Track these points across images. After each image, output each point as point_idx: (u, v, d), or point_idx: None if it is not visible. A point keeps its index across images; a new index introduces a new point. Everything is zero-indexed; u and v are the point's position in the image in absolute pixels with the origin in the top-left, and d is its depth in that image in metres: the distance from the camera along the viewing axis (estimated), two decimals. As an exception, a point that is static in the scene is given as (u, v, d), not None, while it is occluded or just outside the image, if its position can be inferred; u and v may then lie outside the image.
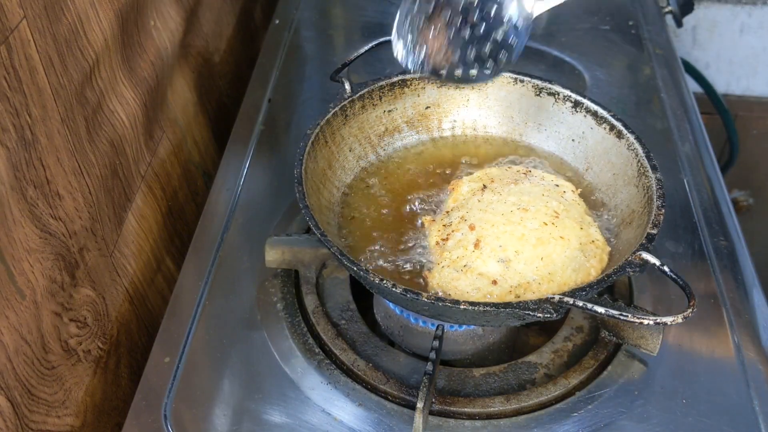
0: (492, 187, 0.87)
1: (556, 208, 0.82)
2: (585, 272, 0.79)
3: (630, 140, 0.88)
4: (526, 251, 0.79)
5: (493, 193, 0.86)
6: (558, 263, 0.78)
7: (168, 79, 1.16)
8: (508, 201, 0.83)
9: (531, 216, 0.81)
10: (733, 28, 1.82)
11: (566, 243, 0.79)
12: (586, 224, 0.83)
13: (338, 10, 1.52)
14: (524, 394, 0.82)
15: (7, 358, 0.73)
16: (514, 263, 0.78)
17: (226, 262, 0.98)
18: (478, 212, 0.83)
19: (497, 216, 0.82)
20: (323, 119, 0.90)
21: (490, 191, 0.86)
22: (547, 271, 0.78)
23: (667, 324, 0.69)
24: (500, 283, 0.78)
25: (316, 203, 0.84)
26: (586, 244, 0.81)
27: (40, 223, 0.78)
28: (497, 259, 0.79)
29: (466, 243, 0.81)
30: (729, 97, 1.88)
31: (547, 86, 0.96)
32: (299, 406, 0.82)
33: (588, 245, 0.81)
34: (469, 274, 0.79)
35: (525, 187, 0.86)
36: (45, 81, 0.79)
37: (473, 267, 0.79)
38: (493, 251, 0.79)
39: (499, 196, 0.85)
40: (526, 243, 0.79)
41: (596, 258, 0.81)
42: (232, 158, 1.14)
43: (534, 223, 0.80)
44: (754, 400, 0.83)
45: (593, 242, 0.82)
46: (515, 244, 0.79)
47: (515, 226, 0.80)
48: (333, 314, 0.91)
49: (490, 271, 0.78)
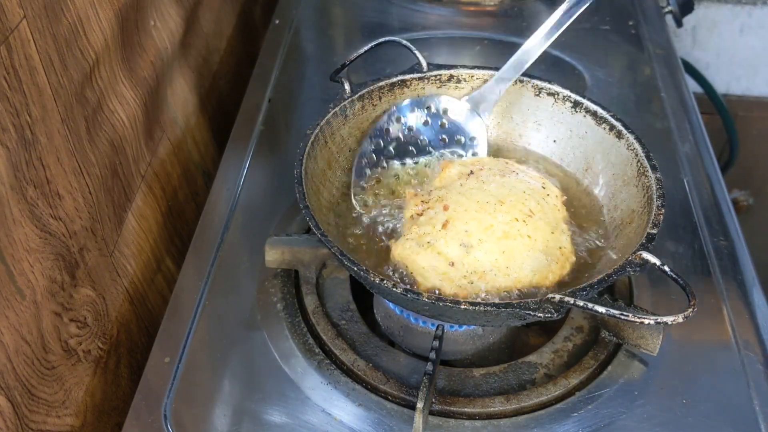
0: (478, 175, 0.88)
1: (532, 207, 0.83)
2: (542, 275, 0.80)
3: (630, 140, 0.88)
4: (490, 241, 0.80)
5: (477, 180, 0.87)
6: (518, 260, 0.79)
7: (168, 79, 1.16)
8: (487, 190, 0.84)
9: (505, 209, 0.82)
10: (733, 28, 1.82)
11: (532, 242, 0.80)
12: (559, 231, 0.84)
13: (338, 10, 1.52)
14: (524, 394, 0.82)
15: (7, 358, 0.73)
16: (475, 250, 0.79)
17: (226, 262, 0.98)
18: (456, 195, 0.84)
19: (473, 202, 0.83)
20: (323, 119, 0.90)
21: (474, 178, 0.87)
22: (505, 264, 0.79)
23: (667, 324, 0.69)
24: (457, 266, 0.79)
25: (316, 203, 0.84)
26: (552, 248, 0.82)
27: (40, 223, 0.78)
28: (460, 243, 0.80)
29: (436, 221, 0.82)
30: (729, 97, 1.88)
31: (546, 86, 0.96)
32: (299, 406, 0.82)
33: (554, 250, 0.82)
34: (429, 251, 0.80)
35: (509, 181, 0.87)
36: (45, 81, 0.79)
37: (435, 246, 0.80)
38: (458, 234, 0.80)
39: (481, 185, 0.86)
40: (492, 234, 0.80)
41: (558, 264, 0.81)
42: (232, 158, 1.14)
43: (506, 217, 0.81)
44: (754, 400, 0.83)
45: (560, 248, 0.82)
46: (481, 232, 0.80)
47: (486, 215, 0.81)
48: (333, 314, 0.91)
49: (450, 253, 0.79)
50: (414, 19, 1.44)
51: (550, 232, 0.82)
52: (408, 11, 1.46)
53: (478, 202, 0.83)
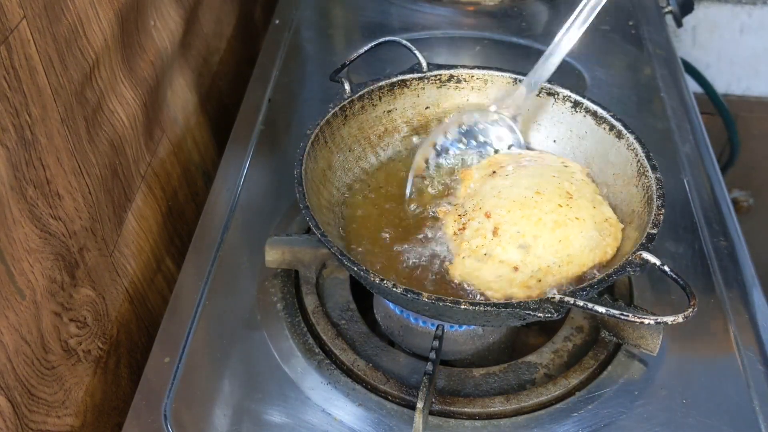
0: (501, 173, 0.87)
1: (568, 188, 0.83)
2: (602, 251, 0.80)
3: (630, 140, 0.88)
4: (545, 235, 0.79)
5: (504, 178, 0.86)
6: (576, 245, 0.79)
7: (168, 79, 1.16)
8: (520, 185, 0.83)
9: (546, 199, 0.81)
10: (734, 28, 1.82)
11: (582, 223, 0.80)
12: (598, 203, 0.83)
13: (338, 10, 1.52)
14: (524, 394, 0.82)
15: (7, 358, 0.73)
16: (534, 248, 0.79)
17: (226, 262, 0.98)
18: (492, 199, 0.83)
19: (511, 201, 0.82)
20: (323, 119, 0.90)
21: (500, 177, 0.86)
22: (566, 253, 0.79)
23: (667, 324, 0.69)
24: (521, 269, 0.78)
25: (316, 203, 0.84)
26: (601, 223, 0.81)
27: (40, 223, 0.78)
28: (517, 245, 0.79)
29: (484, 231, 0.81)
30: (729, 97, 1.88)
31: (546, 86, 0.96)
32: (299, 406, 0.82)
33: (602, 224, 0.81)
34: (490, 262, 0.79)
35: (534, 170, 0.86)
36: (45, 81, 0.79)
37: (494, 255, 0.79)
38: (512, 238, 0.79)
39: (511, 181, 0.85)
40: (544, 227, 0.79)
41: (611, 236, 0.81)
42: (232, 158, 1.14)
43: (549, 206, 0.81)
44: (754, 400, 0.83)
45: (607, 220, 0.82)
46: (533, 228, 0.79)
47: (531, 210, 0.80)
48: (333, 314, 0.91)
49: (511, 258, 0.79)
50: (414, 19, 1.44)
51: (593, 207, 0.82)
52: (408, 11, 1.46)
53: (516, 201, 0.82)
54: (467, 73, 0.98)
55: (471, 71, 0.98)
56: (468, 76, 0.98)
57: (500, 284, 0.78)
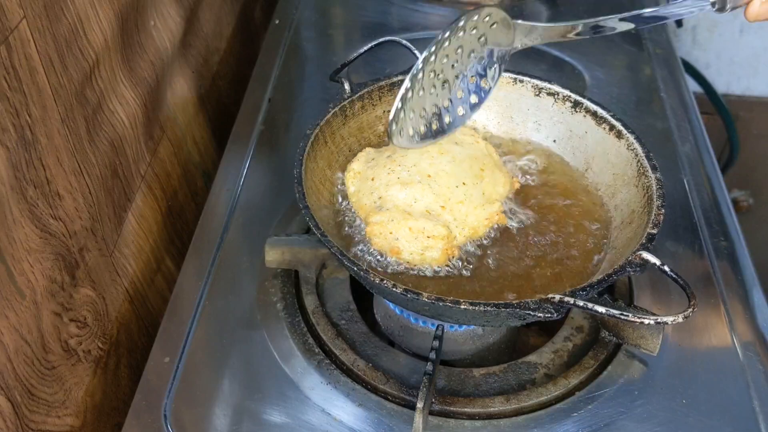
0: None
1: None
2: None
3: (630, 140, 0.88)
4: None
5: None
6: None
7: (168, 79, 1.16)
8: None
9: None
10: (733, 28, 1.81)
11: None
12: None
13: (338, 10, 1.51)
14: (524, 394, 0.82)
15: (7, 358, 0.73)
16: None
17: (226, 262, 0.98)
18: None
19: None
20: (323, 119, 0.90)
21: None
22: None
23: (667, 323, 0.69)
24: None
25: (316, 203, 0.84)
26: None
27: (40, 223, 0.78)
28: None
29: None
30: (729, 97, 1.88)
31: (546, 86, 0.96)
32: (299, 406, 0.82)
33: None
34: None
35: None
36: (45, 81, 0.79)
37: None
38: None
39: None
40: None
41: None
42: (232, 158, 1.14)
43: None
44: (754, 400, 0.83)
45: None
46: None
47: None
48: (333, 314, 0.91)
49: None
50: (414, 19, 1.44)
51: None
52: (408, 11, 1.46)
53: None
54: (467, 73, 0.98)
55: (471, 71, 0.98)
56: (468, 76, 0.98)
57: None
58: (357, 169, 0.91)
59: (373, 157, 0.91)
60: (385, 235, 0.82)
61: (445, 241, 0.82)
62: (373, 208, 0.85)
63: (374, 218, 0.84)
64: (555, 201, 0.91)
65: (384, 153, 0.91)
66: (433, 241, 0.81)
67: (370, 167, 0.90)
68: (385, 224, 0.83)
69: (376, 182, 0.87)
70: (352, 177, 0.90)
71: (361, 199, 0.87)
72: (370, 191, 0.87)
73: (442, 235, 0.82)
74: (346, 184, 0.90)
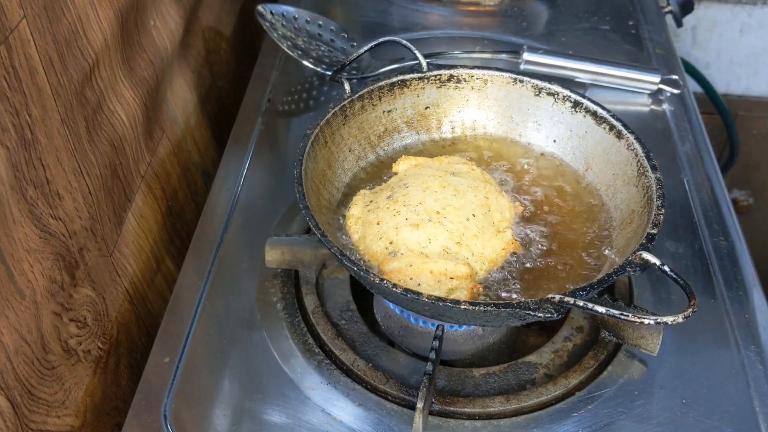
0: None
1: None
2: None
3: (630, 140, 0.88)
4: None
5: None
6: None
7: (168, 79, 1.16)
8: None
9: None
10: (733, 28, 1.82)
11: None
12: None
13: (338, 10, 1.51)
14: (524, 394, 0.82)
15: (7, 358, 0.73)
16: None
17: (226, 262, 0.98)
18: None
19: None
20: (323, 119, 0.90)
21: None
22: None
23: (667, 324, 0.69)
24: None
25: (316, 203, 0.84)
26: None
27: (40, 223, 0.78)
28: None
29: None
30: (729, 97, 1.88)
31: (546, 86, 0.96)
32: (299, 406, 0.82)
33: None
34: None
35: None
36: (45, 81, 0.79)
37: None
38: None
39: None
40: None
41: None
42: (232, 158, 1.14)
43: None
44: (754, 400, 0.83)
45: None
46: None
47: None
48: (333, 314, 0.91)
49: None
50: (414, 19, 1.44)
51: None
52: (408, 11, 1.46)
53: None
54: (467, 73, 0.98)
55: (471, 71, 0.98)
56: (468, 76, 0.98)
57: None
58: (357, 214, 0.86)
59: (371, 199, 0.87)
60: (405, 282, 0.78)
61: (469, 279, 0.79)
62: (385, 254, 0.81)
63: (390, 266, 0.80)
64: (555, 202, 0.91)
65: (382, 193, 0.88)
66: (457, 282, 0.79)
67: (371, 210, 0.85)
68: (403, 270, 0.79)
69: (383, 226, 0.83)
70: (353, 223, 0.86)
71: (369, 246, 0.83)
72: (378, 236, 0.83)
73: (465, 275, 0.79)
74: (348, 231, 0.86)
